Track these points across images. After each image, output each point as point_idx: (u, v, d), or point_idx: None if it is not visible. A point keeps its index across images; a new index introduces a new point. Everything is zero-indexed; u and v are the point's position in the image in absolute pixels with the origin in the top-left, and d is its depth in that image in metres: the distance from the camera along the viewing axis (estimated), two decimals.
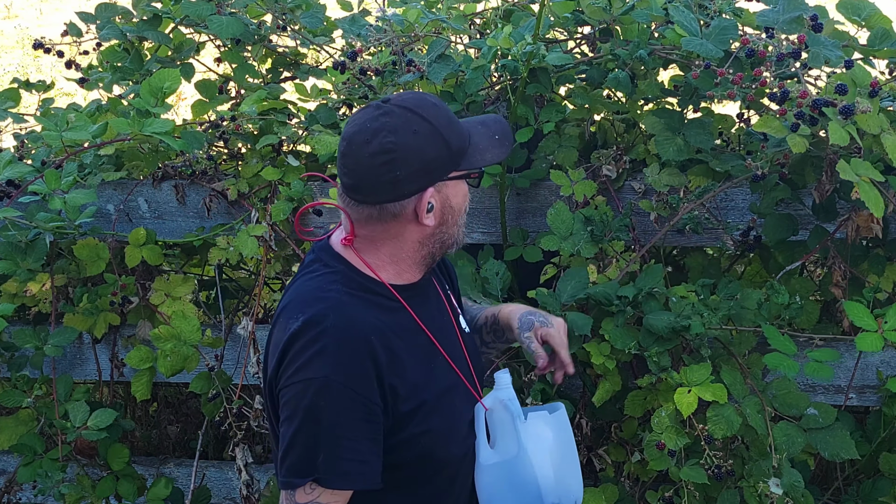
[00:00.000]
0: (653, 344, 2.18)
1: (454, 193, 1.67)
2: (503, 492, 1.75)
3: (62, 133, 2.38)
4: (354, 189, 1.63)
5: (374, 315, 1.65)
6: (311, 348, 1.59)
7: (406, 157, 1.59)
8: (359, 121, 1.62)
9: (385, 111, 1.61)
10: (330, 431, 1.58)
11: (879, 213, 1.94)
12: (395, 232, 1.66)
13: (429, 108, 1.62)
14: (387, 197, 1.61)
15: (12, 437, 2.56)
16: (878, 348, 1.95)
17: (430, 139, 1.60)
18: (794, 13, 2.16)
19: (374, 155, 1.58)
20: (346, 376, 1.58)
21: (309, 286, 1.69)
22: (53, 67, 7.25)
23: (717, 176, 2.31)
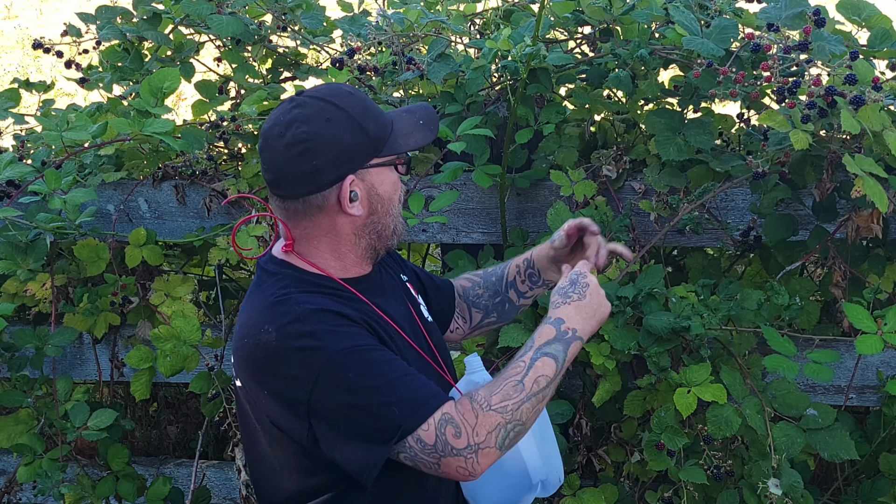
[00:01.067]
0: (652, 344, 2.18)
1: (380, 182, 1.65)
2: (489, 477, 1.69)
3: (62, 133, 2.38)
4: (276, 184, 1.61)
5: (335, 304, 1.61)
6: (298, 342, 1.54)
7: (321, 146, 1.57)
8: (273, 116, 1.61)
9: (297, 103, 1.60)
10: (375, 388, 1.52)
11: (884, 207, 1.94)
12: (327, 226, 1.63)
13: (342, 97, 1.61)
14: (307, 188, 1.59)
15: (12, 437, 2.55)
16: (878, 350, 1.95)
17: (346, 126, 1.59)
18: (795, 9, 2.16)
19: (288, 146, 1.57)
20: (346, 342, 1.53)
21: (259, 299, 1.64)
22: (53, 67, 7.25)
23: (717, 176, 2.31)
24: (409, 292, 1.82)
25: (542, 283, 1.98)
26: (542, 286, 1.99)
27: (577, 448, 2.39)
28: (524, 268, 1.97)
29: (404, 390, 1.53)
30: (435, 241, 2.66)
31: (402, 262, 1.92)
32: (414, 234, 2.51)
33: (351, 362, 1.54)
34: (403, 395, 1.53)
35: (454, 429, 1.52)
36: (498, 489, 1.76)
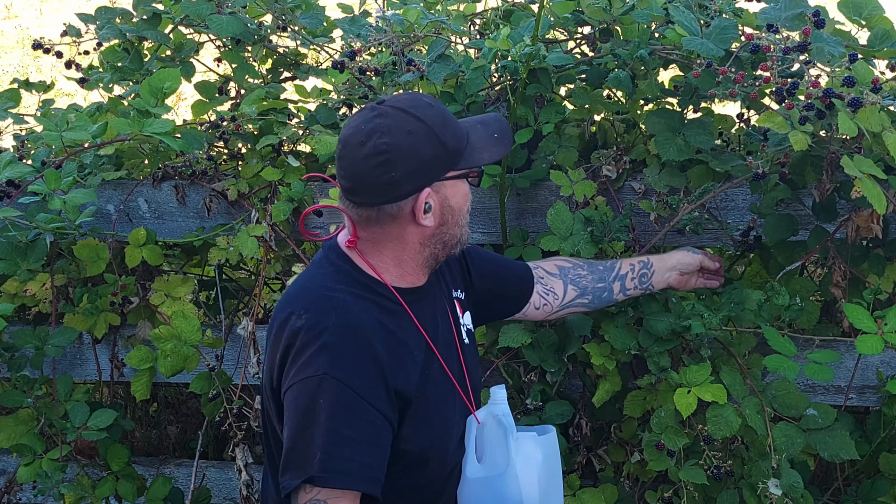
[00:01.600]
0: (652, 344, 2.18)
1: (453, 193, 1.67)
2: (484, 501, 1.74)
3: (62, 133, 2.38)
4: (352, 191, 1.63)
5: (375, 316, 1.64)
6: (312, 346, 1.58)
7: (401, 158, 1.58)
8: (354, 123, 1.62)
9: (379, 112, 1.60)
10: (327, 428, 1.55)
11: (882, 209, 1.94)
12: (396, 233, 1.66)
13: (423, 109, 1.62)
14: (384, 198, 1.61)
15: (12, 437, 2.55)
16: (878, 351, 1.95)
17: (425, 139, 1.60)
18: (795, 10, 2.16)
19: (368, 157, 1.58)
20: (345, 374, 1.57)
21: (315, 282, 1.69)
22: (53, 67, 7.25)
23: (717, 176, 2.31)
24: (455, 311, 1.83)
25: (647, 286, 2.11)
26: (644, 289, 2.12)
27: (577, 448, 2.39)
28: (639, 268, 2.09)
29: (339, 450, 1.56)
30: None
31: (469, 267, 1.93)
32: None
33: (332, 394, 1.56)
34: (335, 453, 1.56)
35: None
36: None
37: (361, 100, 2.57)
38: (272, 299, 3.06)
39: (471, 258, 1.94)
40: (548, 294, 2.04)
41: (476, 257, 1.96)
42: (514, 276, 2.02)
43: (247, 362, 2.54)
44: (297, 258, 2.57)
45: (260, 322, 2.61)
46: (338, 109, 2.57)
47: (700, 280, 2.21)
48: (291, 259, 2.64)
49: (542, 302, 2.04)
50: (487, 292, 1.97)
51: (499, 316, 2.07)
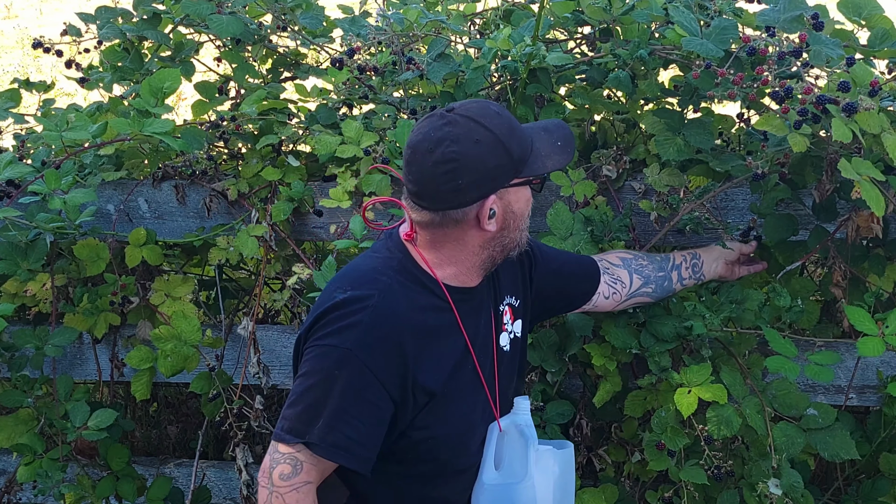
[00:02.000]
0: (653, 345, 2.18)
1: (516, 199, 1.71)
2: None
3: (62, 133, 2.38)
4: (418, 195, 1.66)
5: (418, 309, 1.68)
6: (346, 319, 1.63)
7: (468, 166, 1.61)
8: (423, 130, 1.65)
9: (448, 120, 1.63)
10: (338, 402, 1.61)
11: (880, 211, 1.94)
12: (457, 236, 1.69)
13: (492, 118, 1.65)
14: (449, 204, 1.65)
15: (12, 437, 2.55)
16: (879, 353, 1.95)
17: (492, 148, 1.63)
18: (794, 12, 2.16)
19: (437, 164, 1.61)
20: (369, 355, 1.61)
21: (368, 264, 1.73)
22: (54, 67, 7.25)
23: (717, 176, 2.31)
24: (500, 318, 1.85)
25: (699, 276, 2.19)
26: (697, 279, 2.19)
27: (578, 448, 2.39)
28: (689, 258, 2.18)
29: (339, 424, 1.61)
30: None
31: (529, 276, 1.95)
32: None
33: (350, 370, 1.60)
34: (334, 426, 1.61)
35: (290, 470, 1.63)
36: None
37: (361, 99, 2.57)
38: (272, 299, 3.06)
39: (535, 260, 1.95)
40: (615, 283, 2.08)
41: (541, 258, 1.98)
42: (579, 271, 2.05)
43: (247, 362, 2.54)
44: (297, 258, 2.57)
45: (260, 322, 2.61)
46: (338, 109, 2.56)
47: (744, 268, 2.26)
48: (291, 259, 2.64)
49: (610, 291, 2.07)
50: (552, 289, 1.99)
51: (569, 308, 2.10)
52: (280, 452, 1.64)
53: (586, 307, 2.08)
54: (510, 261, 1.84)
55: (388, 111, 2.51)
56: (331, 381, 1.61)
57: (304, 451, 1.63)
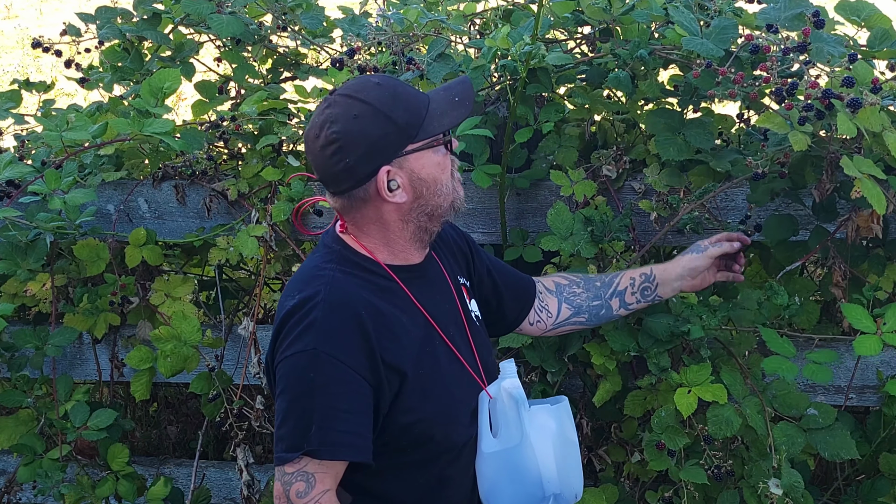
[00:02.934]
0: (652, 345, 2.18)
1: (420, 166, 1.69)
2: (504, 481, 1.77)
3: (62, 133, 2.38)
4: (324, 183, 1.71)
5: (367, 292, 1.68)
6: (302, 322, 1.63)
7: (351, 143, 1.63)
8: (311, 117, 1.70)
9: (329, 103, 1.67)
10: (322, 402, 1.61)
11: (882, 209, 1.94)
12: (373, 214, 1.70)
13: (369, 90, 1.66)
14: (348, 184, 1.67)
15: (12, 437, 2.56)
16: (877, 352, 1.95)
17: (373, 120, 1.64)
18: (795, 10, 2.16)
19: (323, 147, 1.65)
20: (334, 346, 1.61)
21: (308, 265, 1.76)
22: (53, 67, 7.25)
23: (717, 176, 2.31)
24: (461, 294, 1.86)
25: (652, 298, 2.06)
26: (649, 301, 2.07)
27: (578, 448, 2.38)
28: (639, 281, 2.05)
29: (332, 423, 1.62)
30: None
31: (473, 263, 1.95)
32: None
33: (323, 368, 1.61)
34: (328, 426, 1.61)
35: (305, 486, 1.63)
36: (511, 494, 1.77)
37: None
38: (272, 299, 3.06)
39: (476, 252, 1.96)
40: (542, 311, 2.05)
41: (480, 254, 1.98)
42: (516, 283, 2.03)
43: (247, 362, 2.54)
44: (297, 258, 2.57)
45: (260, 322, 2.61)
46: None
47: (720, 274, 2.10)
48: (291, 259, 2.64)
49: (535, 318, 2.04)
50: (492, 292, 1.98)
51: (500, 324, 2.04)
52: (288, 473, 1.63)
53: (515, 329, 2.05)
54: (452, 241, 1.88)
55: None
56: (308, 386, 1.61)
57: (310, 462, 1.62)
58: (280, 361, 1.65)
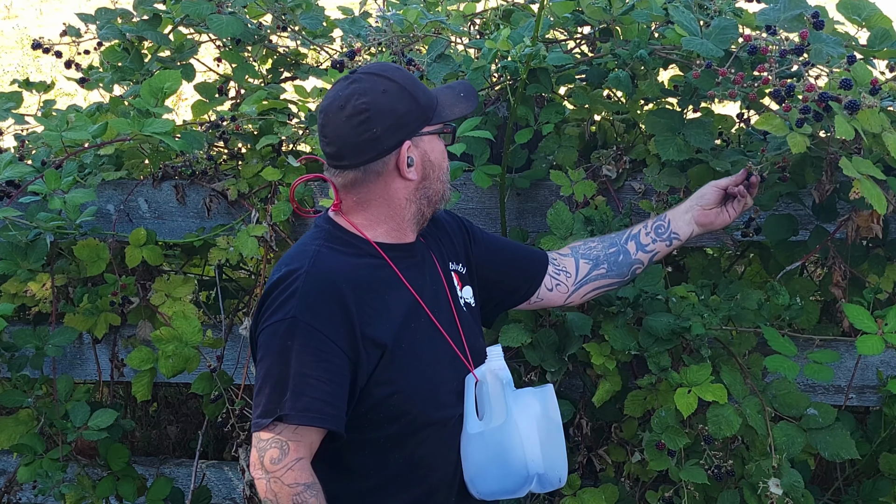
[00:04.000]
0: (652, 344, 2.18)
1: (431, 149, 1.78)
2: (489, 461, 1.78)
3: (62, 133, 2.38)
4: (338, 156, 1.73)
5: (351, 267, 1.73)
6: (284, 293, 1.68)
7: (380, 114, 1.69)
8: (332, 94, 1.74)
9: (353, 79, 1.73)
10: (297, 369, 1.64)
11: (882, 209, 1.94)
12: (382, 191, 1.75)
13: (393, 71, 1.75)
14: (369, 156, 1.71)
15: (12, 437, 2.55)
16: (879, 351, 1.95)
17: (400, 96, 1.72)
18: (794, 11, 2.16)
19: (350, 117, 1.69)
20: (313, 316, 1.65)
21: (297, 244, 1.80)
22: (53, 67, 7.25)
23: (717, 176, 2.31)
24: (451, 280, 1.89)
25: (668, 236, 2.05)
26: (667, 241, 2.04)
27: (578, 448, 2.39)
28: (652, 222, 2.06)
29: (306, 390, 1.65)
30: None
31: (471, 246, 1.97)
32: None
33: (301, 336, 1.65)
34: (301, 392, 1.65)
35: (279, 453, 1.65)
36: (495, 476, 1.79)
37: None
38: None
39: (473, 238, 1.98)
40: (559, 273, 2.03)
41: (480, 238, 2.00)
42: (523, 257, 2.03)
43: (248, 362, 2.54)
44: None
45: None
46: None
47: (732, 207, 2.04)
48: None
49: (554, 283, 2.03)
50: (495, 274, 1.98)
51: (514, 298, 2.03)
52: (263, 440, 1.66)
53: (534, 301, 2.03)
54: (449, 228, 1.92)
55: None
56: (285, 353, 1.65)
57: (284, 429, 1.65)
58: (261, 330, 1.69)
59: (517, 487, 1.79)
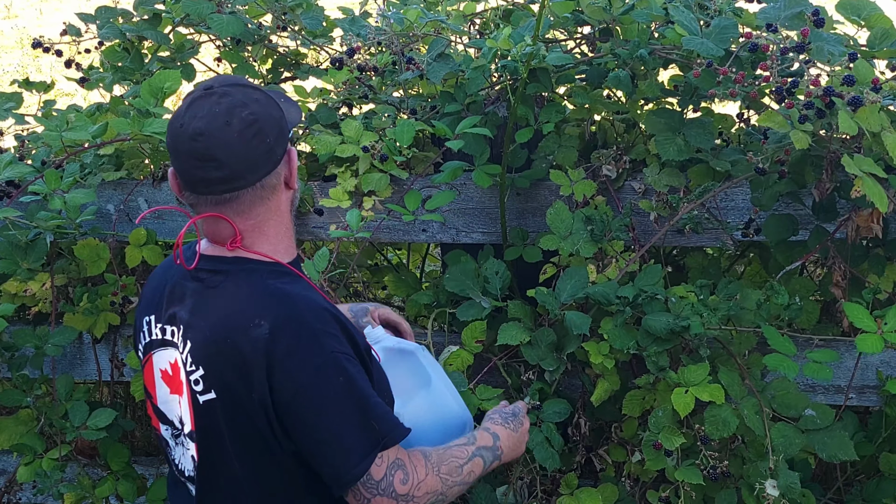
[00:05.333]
0: (651, 344, 2.18)
1: (293, 153, 1.70)
2: (428, 425, 1.80)
3: (62, 133, 2.38)
4: (233, 178, 1.58)
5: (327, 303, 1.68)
6: (301, 340, 1.56)
7: (267, 122, 1.60)
8: (199, 114, 1.57)
9: (220, 94, 1.59)
10: (363, 395, 1.58)
11: (884, 207, 1.94)
12: (275, 206, 1.66)
13: (245, 80, 1.69)
14: (266, 169, 1.60)
15: (12, 437, 2.55)
16: (879, 350, 1.95)
17: (269, 102, 1.63)
18: (795, 9, 2.16)
19: (242, 132, 1.56)
20: (340, 345, 1.59)
21: (238, 294, 1.62)
22: (53, 67, 7.25)
23: (717, 176, 2.31)
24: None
25: None
26: None
27: (577, 447, 2.39)
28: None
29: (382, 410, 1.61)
30: (435, 241, 2.66)
31: None
32: (414, 234, 2.51)
33: (347, 367, 1.58)
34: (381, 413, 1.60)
35: (403, 475, 1.59)
36: (438, 435, 1.81)
37: (361, 99, 2.57)
38: None
39: None
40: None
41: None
42: None
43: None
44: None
45: None
46: (338, 109, 2.56)
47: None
48: None
49: None
50: None
51: None
52: (378, 480, 1.57)
53: None
54: None
55: (388, 111, 2.51)
56: (344, 390, 1.56)
57: (389, 454, 1.59)
58: (299, 389, 1.55)
59: (458, 435, 1.83)
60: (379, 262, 3.07)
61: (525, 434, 1.90)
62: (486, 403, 2.21)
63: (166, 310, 1.68)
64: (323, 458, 1.58)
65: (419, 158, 2.50)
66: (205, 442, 1.67)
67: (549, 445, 2.19)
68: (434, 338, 2.36)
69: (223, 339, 1.59)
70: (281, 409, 1.57)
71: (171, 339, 1.67)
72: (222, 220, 1.62)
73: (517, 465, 2.30)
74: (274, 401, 1.57)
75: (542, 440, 2.19)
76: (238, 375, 1.58)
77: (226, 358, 1.59)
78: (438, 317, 2.43)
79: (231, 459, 1.64)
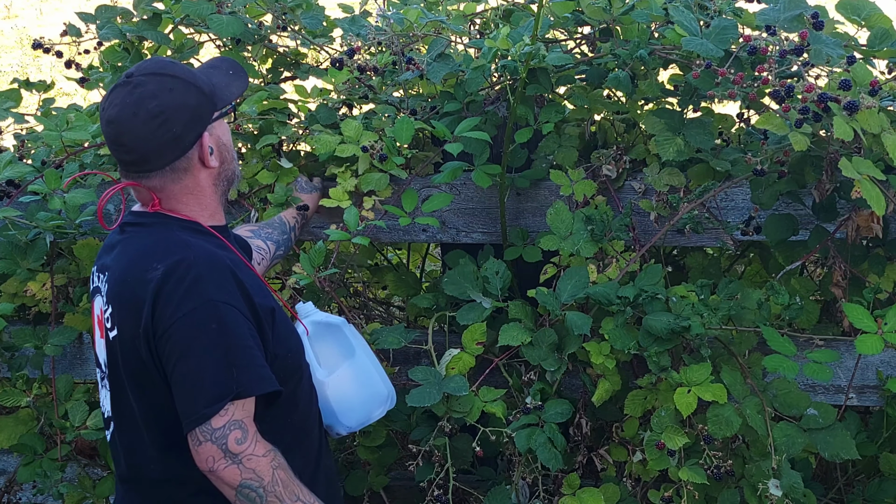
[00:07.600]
0: (652, 344, 2.18)
1: (222, 132, 1.84)
2: (351, 394, 1.93)
3: (62, 133, 2.39)
4: (141, 162, 1.75)
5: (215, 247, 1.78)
6: (185, 282, 1.68)
7: (175, 112, 1.72)
8: (115, 102, 1.73)
9: (134, 84, 1.73)
10: (233, 344, 1.66)
11: (881, 210, 1.94)
12: (192, 185, 1.79)
13: (171, 66, 1.78)
14: (173, 155, 1.75)
15: (12, 437, 2.55)
16: (878, 350, 1.95)
17: (186, 90, 1.75)
18: (794, 11, 2.16)
19: (147, 122, 1.70)
20: (226, 295, 1.69)
21: (147, 241, 1.78)
22: (53, 67, 7.25)
23: (717, 175, 2.31)
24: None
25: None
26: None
27: (578, 447, 2.39)
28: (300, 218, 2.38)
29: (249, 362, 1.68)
30: (435, 241, 2.66)
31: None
32: (414, 234, 2.51)
33: (221, 316, 1.67)
34: (248, 365, 1.67)
35: (241, 435, 1.65)
36: (361, 404, 1.96)
37: (361, 99, 2.57)
38: None
39: None
40: (259, 250, 2.19)
41: None
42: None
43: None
44: (296, 257, 2.57)
45: None
46: (338, 109, 2.56)
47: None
48: (291, 259, 2.64)
49: (259, 258, 2.17)
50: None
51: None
52: (217, 428, 1.64)
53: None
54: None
55: (388, 111, 2.51)
56: (216, 335, 1.65)
57: (235, 408, 1.65)
58: (171, 325, 1.66)
59: (380, 407, 1.97)
60: (379, 262, 3.07)
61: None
62: (490, 405, 2.21)
63: (100, 260, 1.89)
64: (178, 396, 1.67)
65: (419, 158, 2.50)
66: (112, 379, 1.81)
67: (552, 446, 2.18)
68: (434, 338, 2.36)
69: (126, 279, 1.75)
70: (158, 342, 1.69)
71: (99, 284, 1.85)
72: (142, 189, 1.79)
73: (519, 466, 2.30)
74: (154, 335, 1.69)
75: (545, 441, 2.18)
76: (131, 312, 1.72)
77: (126, 296, 1.74)
78: (439, 319, 2.43)
79: (129, 396, 1.77)
